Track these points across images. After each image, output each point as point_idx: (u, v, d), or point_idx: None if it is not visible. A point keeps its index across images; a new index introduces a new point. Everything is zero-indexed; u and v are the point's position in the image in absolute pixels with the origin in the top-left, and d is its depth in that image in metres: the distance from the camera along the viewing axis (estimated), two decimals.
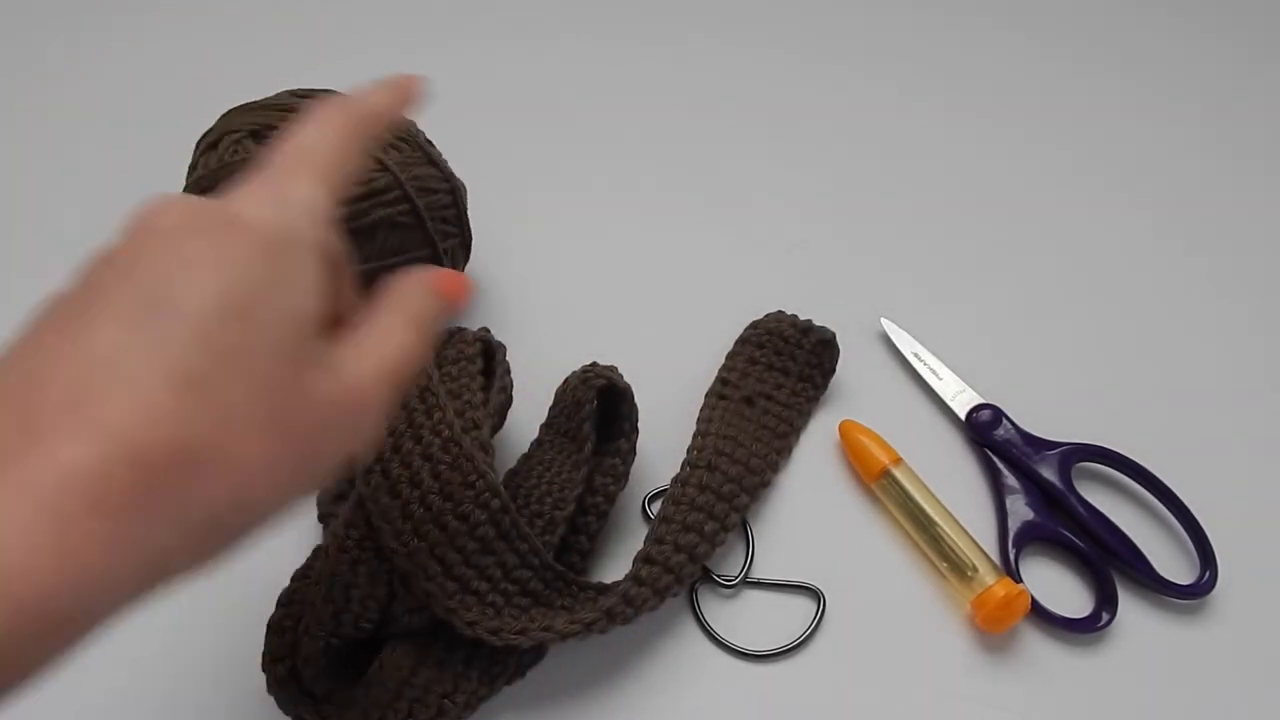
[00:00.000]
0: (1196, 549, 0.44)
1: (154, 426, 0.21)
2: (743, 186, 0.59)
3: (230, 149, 0.42)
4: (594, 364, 0.43)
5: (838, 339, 0.48)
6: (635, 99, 0.64)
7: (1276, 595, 0.44)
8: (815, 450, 0.48)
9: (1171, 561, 0.45)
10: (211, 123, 0.44)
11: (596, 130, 0.62)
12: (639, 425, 0.44)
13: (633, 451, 0.44)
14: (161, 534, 0.21)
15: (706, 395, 0.48)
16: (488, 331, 0.43)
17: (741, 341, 0.49)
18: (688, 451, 0.45)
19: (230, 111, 0.45)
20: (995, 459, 0.47)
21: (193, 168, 0.44)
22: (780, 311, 0.49)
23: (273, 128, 0.42)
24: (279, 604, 0.39)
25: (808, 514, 0.46)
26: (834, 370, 0.49)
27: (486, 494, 0.37)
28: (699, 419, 0.47)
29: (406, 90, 0.31)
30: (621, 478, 0.43)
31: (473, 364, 0.40)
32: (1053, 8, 0.72)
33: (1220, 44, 0.70)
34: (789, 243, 0.56)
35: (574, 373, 0.43)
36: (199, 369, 0.22)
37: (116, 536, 0.20)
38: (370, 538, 0.37)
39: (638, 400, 0.47)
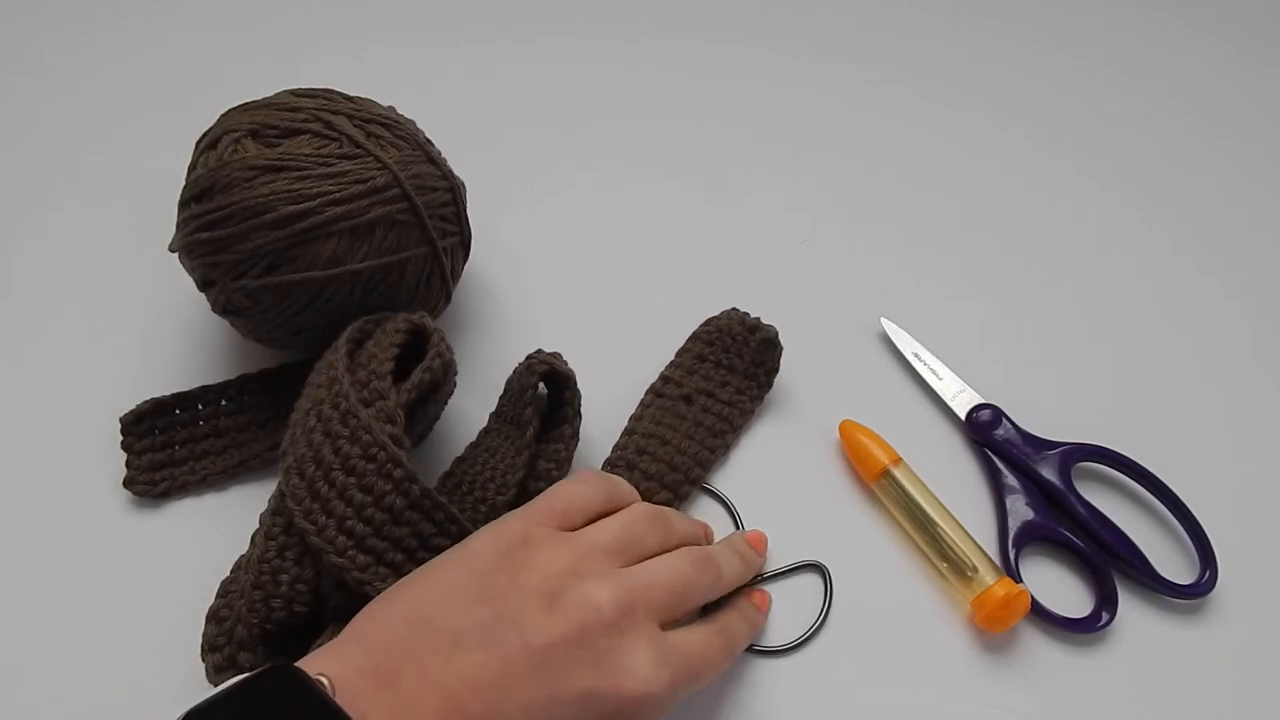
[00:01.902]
0: (1196, 549, 0.44)
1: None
2: (744, 186, 0.59)
3: (230, 148, 0.42)
4: (539, 350, 0.43)
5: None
6: (636, 99, 0.64)
7: (1276, 595, 0.44)
8: (815, 450, 0.48)
9: (1171, 561, 0.45)
10: (211, 123, 0.44)
11: (597, 130, 0.62)
12: (582, 411, 0.44)
13: (575, 437, 0.43)
14: None
15: (645, 392, 0.48)
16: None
17: (693, 338, 0.49)
18: (612, 450, 0.46)
19: (230, 111, 0.45)
20: (995, 459, 0.47)
21: (192, 167, 0.44)
22: (734, 309, 0.49)
23: (272, 126, 0.42)
24: (219, 594, 0.39)
25: (808, 514, 0.45)
26: (777, 369, 0.48)
27: (389, 465, 0.36)
28: (630, 416, 0.47)
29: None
30: (564, 462, 0.43)
31: (390, 338, 0.40)
32: (1057, 11, 0.72)
33: (1220, 50, 0.70)
34: (790, 242, 0.56)
35: (521, 361, 0.43)
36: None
37: None
38: (295, 523, 0.37)
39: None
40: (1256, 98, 0.67)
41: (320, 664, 0.31)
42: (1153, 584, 0.43)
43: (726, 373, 0.48)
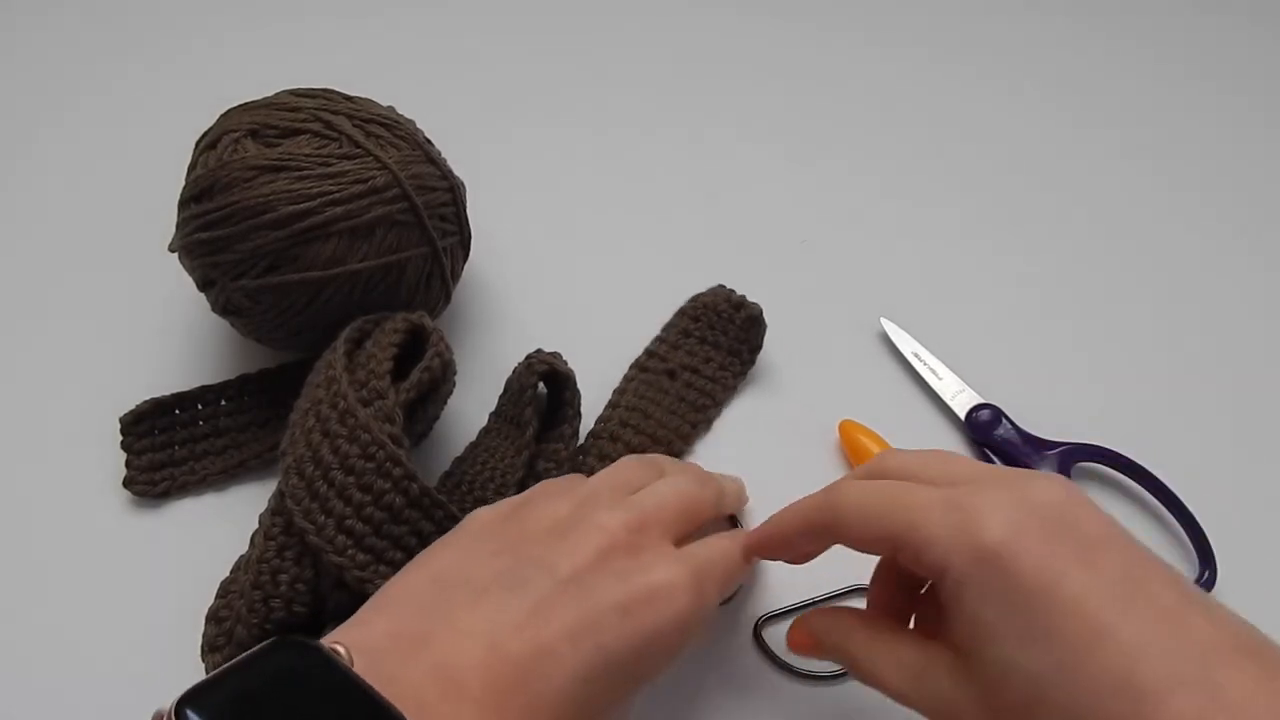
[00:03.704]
0: (1195, 549, 0.44)
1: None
2: (744, 186, 0.59)
3: (229, 148, 0.42)
4: (539, 350, 0.43)
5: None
6: (636, 99, 0.64)
7: (1275, 595, 0.44)
8: (815, 450, 0.48)
9: (1170, 561, 0.44)
10: (211, 123, 0.44)
11: (598, 130, 0.62)
12: (582, 410, 0.44)
13: (575, 436, 0.44)
14: None
15: (630, 367, 0.48)
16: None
17: (679, 313, 0.50)
18: (595, 422, 0.46)
19: (229, 110, 0.45)
20: (995, 459, 0.47)
21: (192, 167, 0.44)
22: (721, 285, 0.50)
23: (272, 126, 0.42)
24: (219, 594, 0.39)
25: None
26: (760, 347, 0.49)
27: (388, 464, 0.36)
28: (614, 390, 0.48)
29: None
30: (564, 462, 0.43)
31: (389, 338, 0.40)
32: (1058, 3, 0.72)
33: (1207, 24, 0.70)
34: (790, 242, 0.56)
35: (521, 361, 0.44)
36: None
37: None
38: (294, 523, 0.37)
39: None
40: (1256, 90, 0.67)
41: (343, 635, 0.30)
42: None
43: (711, 349, 0.49)
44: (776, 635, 0.41)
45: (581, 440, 0.46)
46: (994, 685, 0.28)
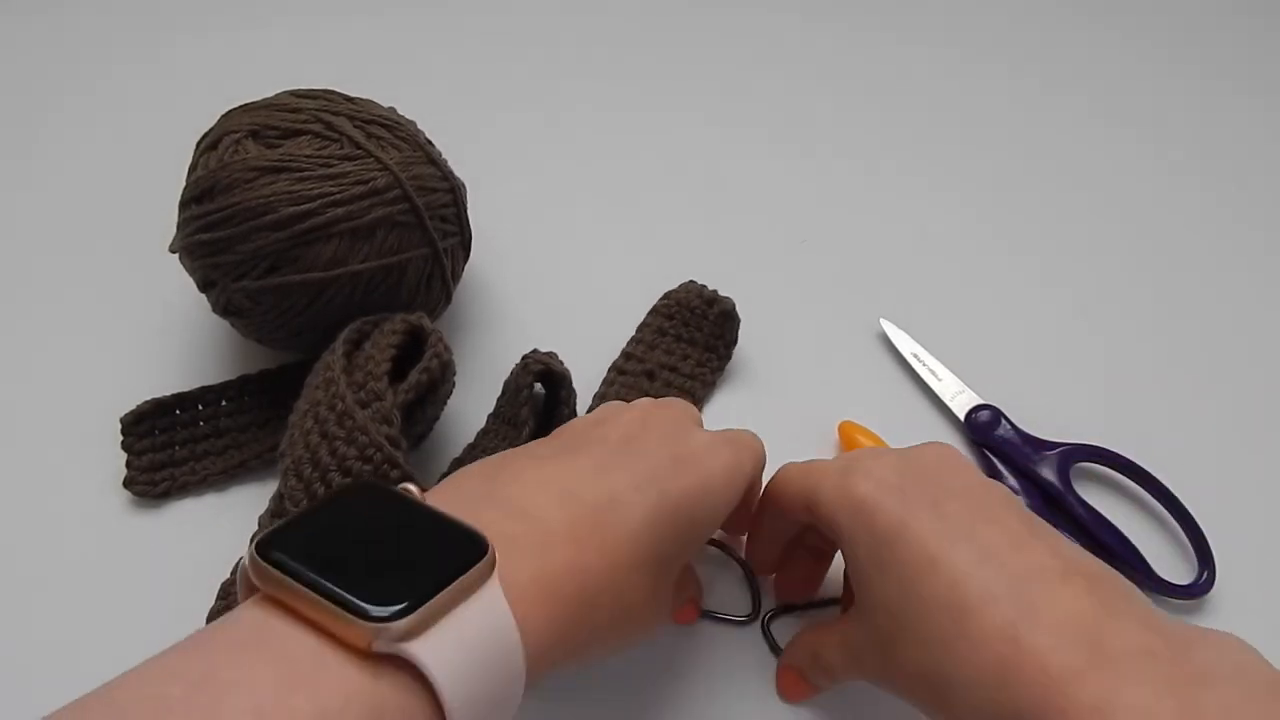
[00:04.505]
0: (1194, 549, 0.44)
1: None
2: (744, 186, 0.59)
3: (230, 149, 0.42)
4: (534, 350, 0.44)
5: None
6: (638, 99, 0.64)
7: (1274, 595, 0.44)
8: (815, 451, 0.48)
9: (1169, 562, 0.45)
10: (212, 123, 0.44)
11: (597, 130, 0.62)
12: (579, 410, 0.44)
13: None
14: None
15: (608, 370, 0.48)
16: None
17: (653, 312, 0.50)
18: None
19: (230, 111, 0.45)
20: (994, 459, 0.47)
21: (193, 168, 0.44)
22: (691, 281, 0.50)
23: (273, 127, 0.42)
24: (219, 595, 0.39)
25: None
26: (735, 341, 0.49)
27: (385, 465, 0.36)
28: (594, 395, 0.48)
29: None
30: None
31: (387, 339, 0.40)
32: (1060, 6, 0.72)
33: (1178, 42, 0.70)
34: (790, 242, 0.56)
35: (518, 361, 0.44)
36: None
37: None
38: None
39: None
40: (1259, 90, 0.67)
41: None
42: (1151, 584, 0.43)
43: (687, 346, 0.49)
44: (783, 630, 0.41)
45: None
46: (870, 622, 0.32)
